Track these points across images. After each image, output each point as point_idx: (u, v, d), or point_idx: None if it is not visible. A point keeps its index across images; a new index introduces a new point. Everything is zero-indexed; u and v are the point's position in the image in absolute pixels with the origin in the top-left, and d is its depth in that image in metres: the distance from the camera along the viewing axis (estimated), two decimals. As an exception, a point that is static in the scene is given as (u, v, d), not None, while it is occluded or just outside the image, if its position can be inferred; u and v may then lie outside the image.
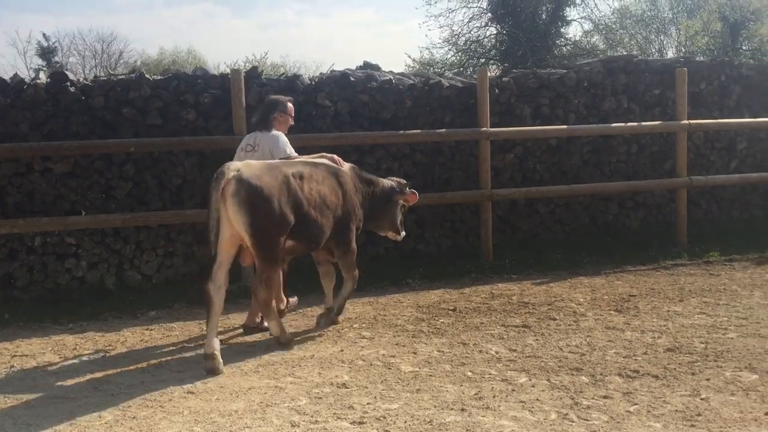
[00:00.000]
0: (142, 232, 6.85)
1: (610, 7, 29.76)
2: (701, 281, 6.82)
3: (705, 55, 29.58)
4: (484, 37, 29.86)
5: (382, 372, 4.36)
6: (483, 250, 7.79)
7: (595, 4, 29.70)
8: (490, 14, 29.29)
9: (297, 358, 4.71)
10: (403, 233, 6.10)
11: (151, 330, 5.61)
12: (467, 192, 7.83)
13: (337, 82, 7.38)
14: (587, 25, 29.85)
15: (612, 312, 5.68)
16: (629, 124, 8.33)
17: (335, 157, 5.54)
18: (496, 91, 7.97)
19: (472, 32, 29.84)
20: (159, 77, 6.88)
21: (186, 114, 6.81)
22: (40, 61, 37.48)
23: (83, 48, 40.83)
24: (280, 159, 5.24)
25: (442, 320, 5.60)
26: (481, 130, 7.60)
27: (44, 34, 36.90)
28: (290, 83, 7.19)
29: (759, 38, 28.29)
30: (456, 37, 29.61)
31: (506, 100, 8.16)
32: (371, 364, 4.52)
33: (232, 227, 4.63)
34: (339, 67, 8.73)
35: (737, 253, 8.11)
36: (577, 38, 30.04)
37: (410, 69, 29.99)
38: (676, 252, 8.10)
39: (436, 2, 28.80)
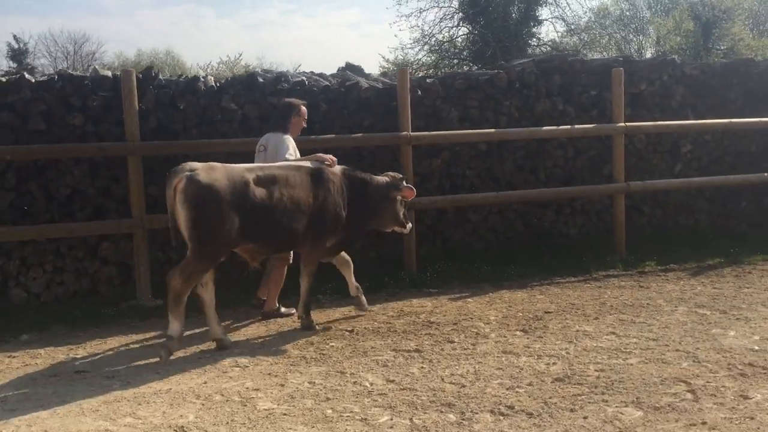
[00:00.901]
0: (27, 247, 6.35)
1: (583, 7, 28.81)
2: (627, 295, 6.41)
3: (677, 55, 29.49)
4: (456, 37, 29.62)
5: (234, 410, 3.90)
6: (408, 262, 7.35)
7: (567, 4, 28.99)
8: (461, 14, 29.10)
9: (152, 392, 4.24)
10: (410, 225, 6.09)
11: (12, 357, 5.11)
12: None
13: (243, 84, 6.90)
14: (559, 25, 29.48)
15: (518, 333, 5.25)
16: (561, 127, 7.91)
17: (325, 156, 5.58)
18: (419, 93, 7.51)
19: (443, 32, 29.62)
20: (43, 78, 6.37)
21: (72, 119, 6.31)
22: (11, 63, 36.85)
23: (54, 49, 40.11)
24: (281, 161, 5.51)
25: (332, 343, 5.15)
26: (401, 135, 7.15)
27: (15, 36, 36.16)
28: (190, 85, 6.71)
29: (731, 37, 28.11)
30: (427, 37, 29.36)
31: (431, 103, 7.71)
32: (228, 400, 4.05)
33: (182, 222, 4.83)
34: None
35: (675, 263, 7.73)
36: (557, 39, 29.82)
37: (384, 70, 29.61)
38: (610, 262, 7.69)
39: (407, 1, 28.51)
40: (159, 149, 6.40)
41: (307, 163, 5.49)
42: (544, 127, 7.89)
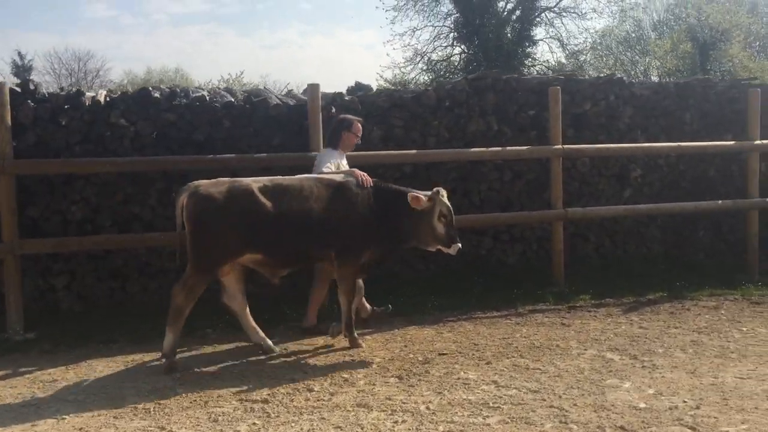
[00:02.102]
0: None
1: (579, 28, 28.38)
2: (541, 334, 5.84)
3: (674, 76, 28.89)
4: (451, 56, 29.23)
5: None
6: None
7: (563, 24, 28.53)
8: (455, 33, 28.73)
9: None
10: (457, 245, 5.44)
11: None
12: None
13: (135, 100, 6.43)
14: (555, 46, 29.01)
15: (391, 380, 4.69)
16: (491, 148, 7.37)
17: (359, 173, 5.43)
18: (333, 110, 7.02)
19: (436, 51, 29.24)
20: None
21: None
22: (14, 79, 36.89)
23: (59, 66, 40.09)
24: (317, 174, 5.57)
25: (180, 389, 4.60)
26: (310, 155, 6.62)
27: (19, 53, 36.17)
28: (73, 99, 6.25)
29: (728, 59, 27.51)
30: (420, 56, 28.98)
31: (350, 121, 7.20)
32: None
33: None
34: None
35: (613, 296, 7.17)
36: (552, 60, 29.36)
37: (380, 89, 29.19)
38: (540, 295, 7.12)
39: (401, 20, 28.16)
40: (34, 168, 5.94)
41: (335, 176, 5.41)
42: (472, 149, 7.35)
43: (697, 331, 5.86)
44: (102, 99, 6.32)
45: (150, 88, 6.54)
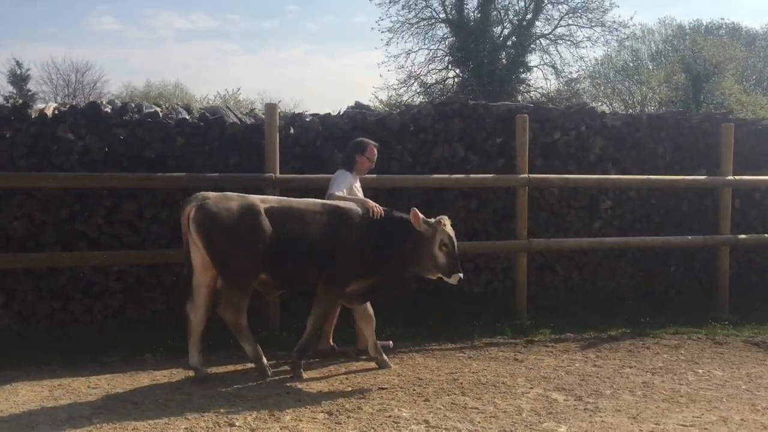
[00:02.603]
0: None
1: (574, 56, 28.46)
2: (491, 369, 5.63)
3: (669, 107, 28.90)
4: (446, 79, 29.22)
5: None
6: (272, 317, 6.61)
7: (558, 52, 28.58)
8: (450, 57, 28.76)
9: None
10: (458, 275, 5.34)
11: None
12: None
13: (84, 114, 6.28)
14: (549, 72, 29.03)
15: (320, 415, 4.47)
16: (454, 176, 7.22)
17: (369, 203, 5.49)
18: (291, 131, 6.87)
19: (430, 74, 29.25)
20: None
21: None
22: (11, 88, 36.80)
23: (56, 77, 40.06)
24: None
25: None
26: (265, 176, 6.48)
27: (17, 61, 36.12)
28: (19, 111, 6.09)
29: (720, 92, 27.54)
30: (414, 78, 28.97)
31: (310, 143, 7.06)
32: None
33: (201, 251, 4.97)
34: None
35: (574, 331, 6.97)
36: (545, 87, 29.36)
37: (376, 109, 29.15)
38: (499, 327, 6.92)
39: (396, 42, 28.15)
40: (-32, 181, 5.77)
41: (342, 203, 5.45)
42: (434, 175, 7.19)
43: (651, 371, 5.66)
44: (50, 112, 6.16)
45: (100, 102, 6.40)
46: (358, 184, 5.99)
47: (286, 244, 5.09)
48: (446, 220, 5.40)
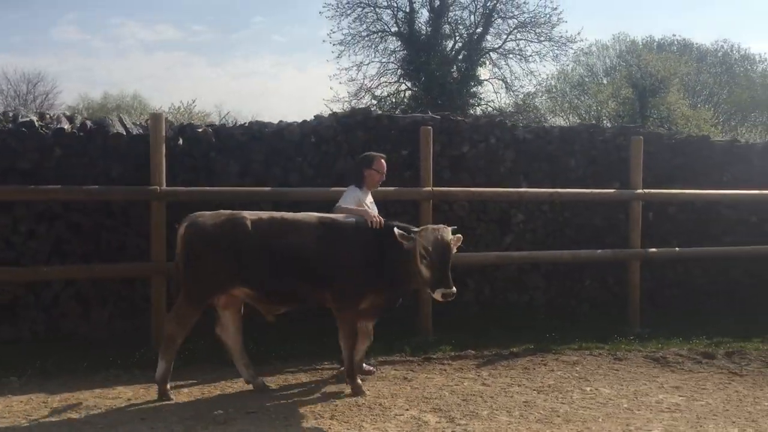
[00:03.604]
0: None
1: (524, 69, 28.61)
2: (375, 390, 5.43)
3: (615, 121, 29.22)
4: (396, 92, 29.17)
5: None
6: (156, 338, 6.31)
7: (508, 66, 28.72)
8: (401, 70, 28.71)
9: None
10: (441, 290, 4.86)
11: None
12: (138, 264, 6.41)
13: (-50, 123, 5.97)
14: (498, 86, 29.17)
15: (167, 442, 4.22)
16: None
17: (369, 213, 5.38)
18: (180, 142, 6.62)
19: (382, 87, 29.16)
20: None
21: None
22: (-39, 101, 35.71)
23: (7, 88, 39.03)
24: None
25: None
26: (149, 189, 6.22)
27: (-35, 73, 35.13)
28: None
29: (666, 106, 27.93)
30: (365, 91, 28.85)
31: (203, 154, 6.82)
32: None
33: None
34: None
35: (476, 347, 6.83)
36: (496, 100, 29.51)
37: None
38: (398, 345, 6.71)
39: (347, 55, 28.04)
40: None
41: (337, 216, 5.35)
42: (334, 188, 6.97)
43: (538, 390, 5.51)
44: None
45: (-30, 112, 6.08)
46: (370, 199, 5.85)
47: (274, 257, 4.98)
48: (433, 230, 5.01)
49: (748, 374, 6.08)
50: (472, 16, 28.32)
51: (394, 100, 28.42)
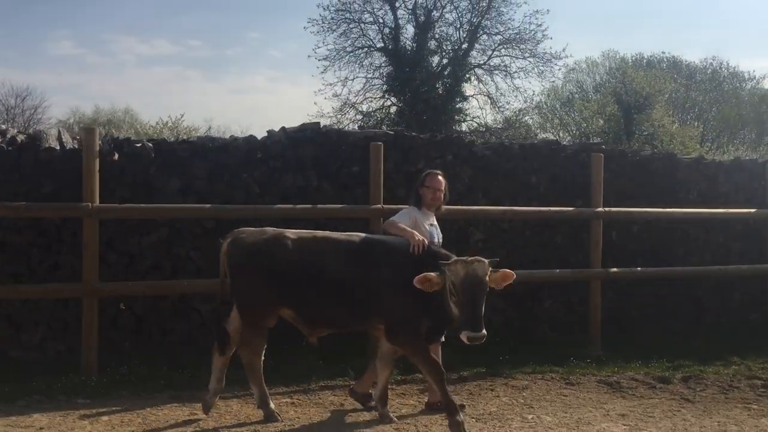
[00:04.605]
0: None
1: (509, 85, 28.51)
2: (306, 417, 5.16)
3: (600, 137, 29.13)
4: (381, 108, 29.06)
5: None
6: (86, 362, 6.06)
7: (493, 82, 28.64)
8: (386, 86, 28.61)
9: None
10: (467, 333, 4.47)
11: None
12: (68, 285, 6.17)
13: None
14: (483, 102, 29.09)
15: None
16: (300, 206, 6.79)
17: (414, 236, 4.90)
18: (116, 157, 6.40)
19: (367, 102, 29.05)
20: None
21: None
22: (-51, 114, 35.42)
23: (-5, 102, 38.76)
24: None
25: None
26: (81, 206, 5.99)
27: (-43, 86, 34.94)
28: None
29: (650, 123, 27.89)
30: (350, 106, 28.73)
31: (142, 170, 6.60)
32: None
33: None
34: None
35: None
36: (482, 116, 29.43)
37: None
38: (344, 368, 6.46)
39: (334, 71, 27.92)
40: None
41: (383, 237, 5.11)
42: (278, 206, 6.77)
43: (478, 417, 5.28)
44: None
45: None
46: (432, 220, 5.50)
47: (312, 278, 4.80)
48: (461, 264, 4.54)
49: (700, 401, 5.84)
50: (458, 32, 28.32)
51: (379, 116, 28.37)
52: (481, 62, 28.59)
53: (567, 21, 54.00)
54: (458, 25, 27.88)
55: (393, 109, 28.60)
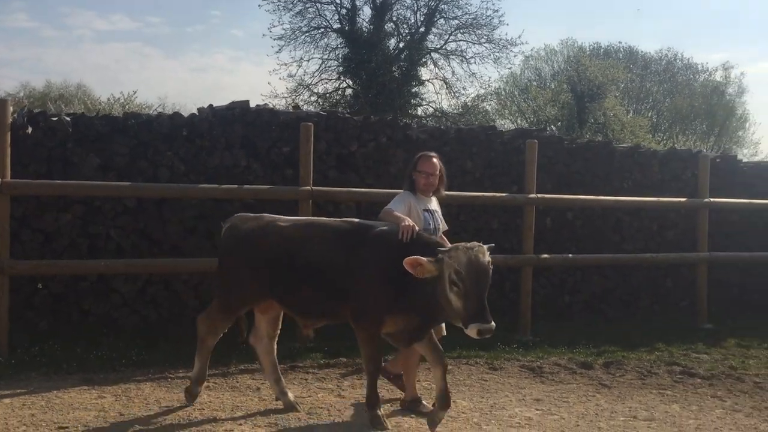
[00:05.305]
0: None
1: (465, 71, 28.41)
2: (219, 401, 5.06)
3: (554, 125, 29.38)
4: (337, 90, 28.78)
5: None
6: None
7: (450, 66, 28.54)
8: (342, 68, 28.31)
9: None
10: (477, 326, 3.98)
11: None
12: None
13: None
14: (439, 87, 29.00)
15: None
16: (225, 186, 6.64)
17: (403, 222, 4.43)
18: (30, 130, 6.15)
19: (323, 84, 28.71)
20: None
21: None
22: None
23: (-65, 76, 37.27)
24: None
25: None
26: (-15, 183, 5.74)
27: None
28: None
29: (602, 112, 28.21)
30: (305, 88, 28.38)
31: (58, 145, 6.36)
32: None
33: None
34: None
35: (349, 356, 6.48)
36: (438, 101, 29.34)
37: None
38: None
39: (289, 50, 27.52)
40: None
41: (375, 223, 4.65)
42: (201, 185, 6.59)
43: (391, 401, 5.21)
44: None
45: None
46: (431, 206, 5.10)
47: (296, 265, 4.52)
48: (463, 250, 4.04)
49: (617, 386, 5.89)
50: (415, 16, 28.12)
51: (334, 98, 28.09)
52: (438, 47, 28.45)
53: (529, 9, 54.16)
54: (415, 9, 27.67)
55: (349, 92, 28.35)
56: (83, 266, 6.30)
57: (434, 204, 5.20)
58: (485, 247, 4.18)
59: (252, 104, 7.25)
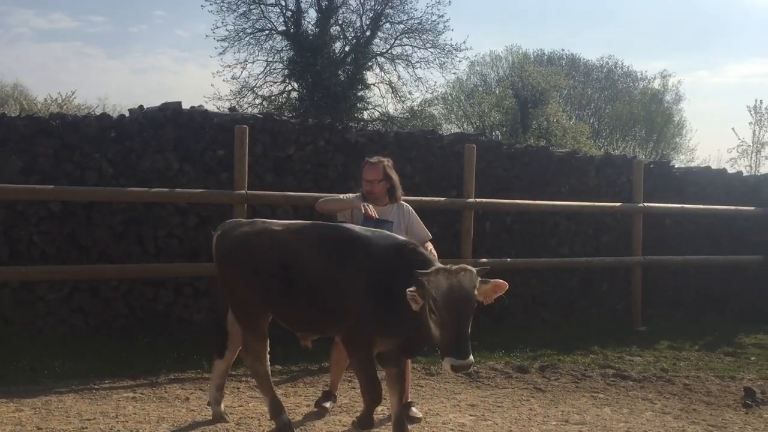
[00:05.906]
0: None
1: (411, 75, 28.48)
2: (144, 413, 4.87)
3: (498, 130, 29.78)
4: (282, 93, 28.50)
5: None
6: None
7: (395, 71, 28.59)
8: (287, 70, 28.04)
9: None
10: (452, 360, 3.46)
11: None
12: None
13: None
14: (385, 91, 29.02)
15: None
16: (154, 190, 6.44)
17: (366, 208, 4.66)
18: (-56, 131, 5.85)
19: (267, 86, 28.38)
20: None
21: None
22: None
23: None
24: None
25: None
26: None
27: None
28: None
29: (545, 117, 28.72)
30: (248, 90, 28.01)
31: (-23, 147, 6.07)
32: None
33: None
34: None
35: (285, 362, 6.37)
36: (383, 105, 29.33)
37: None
38: (197, 360, 6.18)
39: (233, 52, 27.08)
40: None
41: (359, 228, 4.27)
42: (129, 188, 6.38)
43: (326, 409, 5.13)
44: None
45: None
46: (390, 216, 4.96)
47: (288, 275, 4.21)
48: (444, 274, 3.53)
49: (551, 390, 5.93)
50: (361, 19, 28.10)
51: (279, 101, 27.81)
52: (384, 51, 28.48)
53: (474, 15, 54.73)
54: (361, 12, 27.66)
55: (294, 95, 28.14)
56: (2, 272, 6.01)
57: (395, 215, 5.04)
58: (474, 271, 3.62)
59: (196, 106, 7.08)
